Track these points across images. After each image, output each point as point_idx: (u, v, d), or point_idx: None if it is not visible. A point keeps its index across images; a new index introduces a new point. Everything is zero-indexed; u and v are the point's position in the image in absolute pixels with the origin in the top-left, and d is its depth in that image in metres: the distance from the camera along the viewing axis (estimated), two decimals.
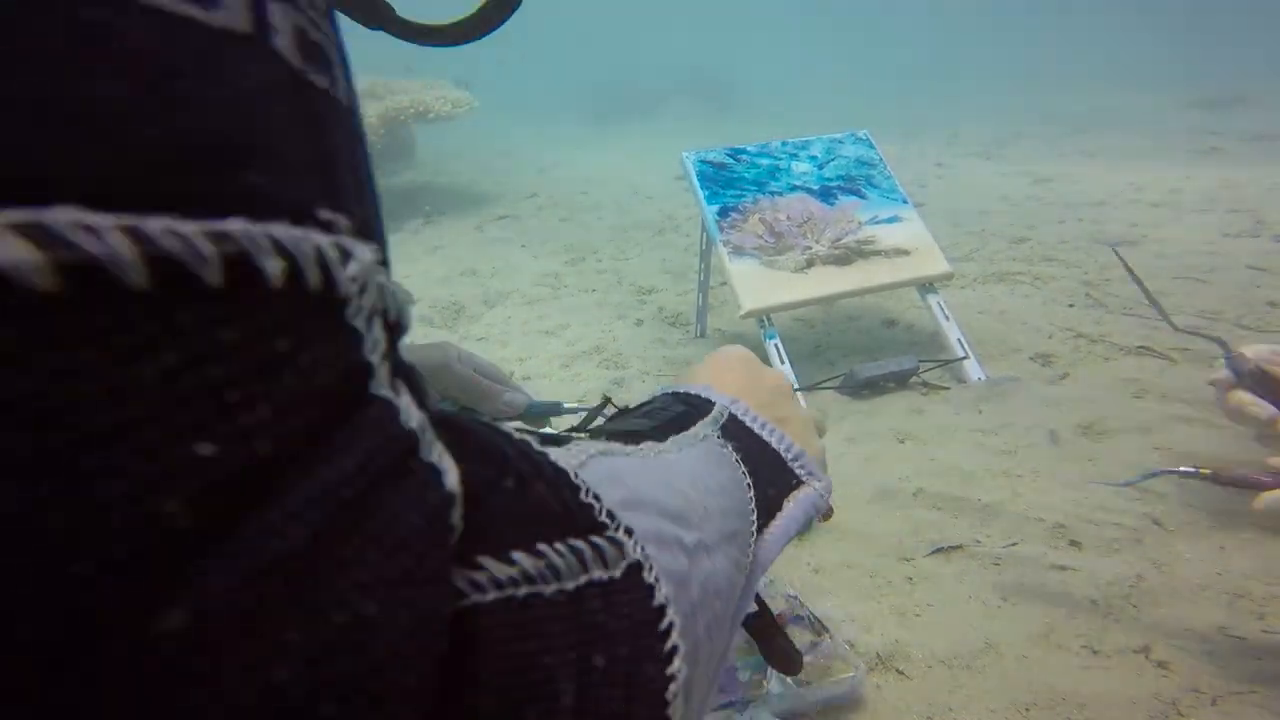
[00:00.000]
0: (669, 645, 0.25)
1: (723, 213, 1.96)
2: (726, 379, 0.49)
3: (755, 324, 1.84)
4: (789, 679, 0.91)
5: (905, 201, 2.04)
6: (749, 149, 2.15)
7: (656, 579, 0.25)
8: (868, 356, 1.98)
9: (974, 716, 0.86)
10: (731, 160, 2.11)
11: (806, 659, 0.94)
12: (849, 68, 12.94)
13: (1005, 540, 1.18)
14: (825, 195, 2.05)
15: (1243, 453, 1.17)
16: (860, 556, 1.18)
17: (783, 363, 1.74)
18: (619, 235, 3.74)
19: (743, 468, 0.40)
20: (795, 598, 1.06)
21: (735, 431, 0.43)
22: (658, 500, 0.29)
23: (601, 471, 0.27)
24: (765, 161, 2.12)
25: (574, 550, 0.23)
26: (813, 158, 2.14)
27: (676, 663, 0.25)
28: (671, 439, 0.38)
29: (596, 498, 0.25)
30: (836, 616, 1.04)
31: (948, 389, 1.76)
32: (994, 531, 1.21)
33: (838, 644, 0.96)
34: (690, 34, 15.88)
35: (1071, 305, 2.24)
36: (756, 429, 0.45)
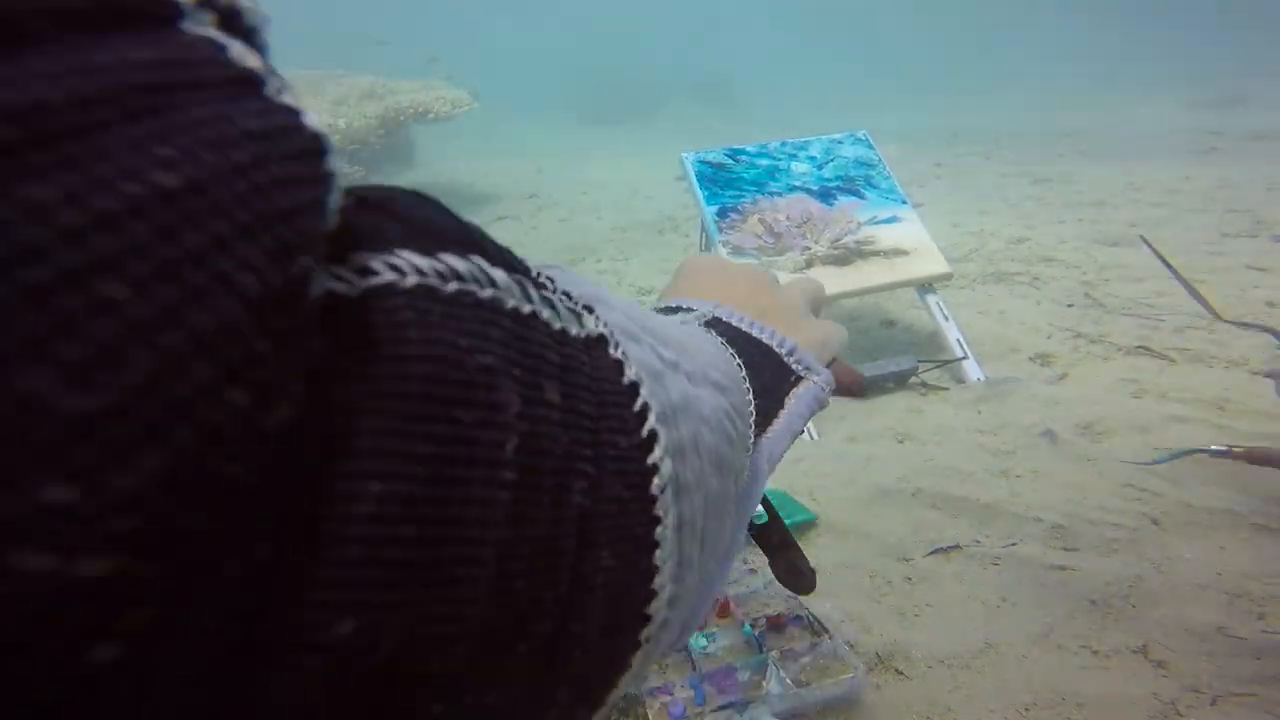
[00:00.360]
0: (645, 430, 0.21)
1: (722, 213, 1.97)
2: (701, 286, 0.46)
3: None
4: (788, 680, 0.91)
5: (904, 202, 2.04)
6: (748, 149, 2.15)
7: (625, 356, 0.22)
8: (867, 357, 1.98)
9: (973, 716, 0.86)
10: (731, 161, 2.11)
11: (805, 660, 0.94)
12: (848, 68, 12.94)
13: (1004, 540, 1.18)
14: (824, 196, 2.05)
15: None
16: (860, 557, 1.18)
17: None
18: (619, 236, 3.74)
19: (731, 350, 0.37)
20: (794, 598, 1.06)
21: (725, 333, 0.40)
22: (625, 309, 0.25)
23: (559, 275, 0.23)
24: (764, 162, 2.12)
25: (518, 281, 0.19)
26: (812, 158, 2.14)
27: (658, 452, 0.21)
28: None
29: (550, 280, 0.21)
30: (836, 617, 1.04)
31: (947, 389, 1.76)
32: (993, 531, 1.21)
33: (837, 644, 0.96)
34: (690, 34, 15.89)
35: (1070, 305, 2.24)
36: (744, 327, 0.42)
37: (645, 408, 0.21)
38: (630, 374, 0.21)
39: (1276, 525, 1.13)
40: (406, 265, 0.16)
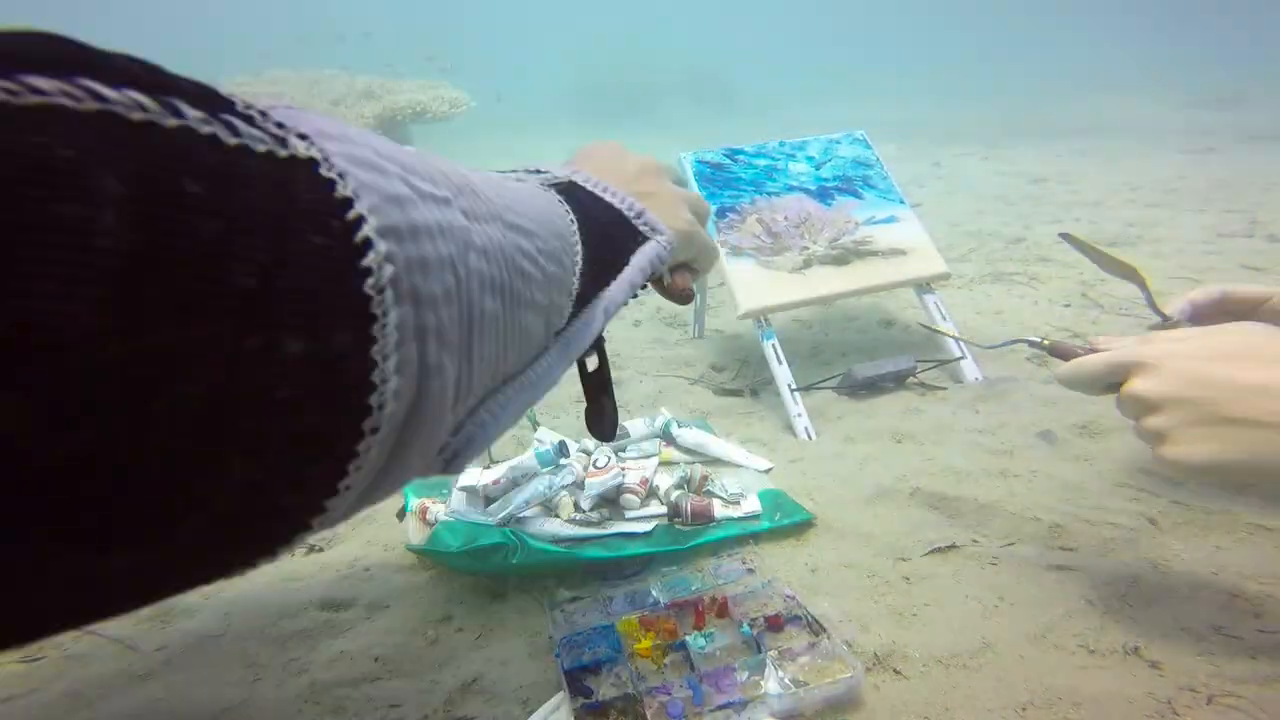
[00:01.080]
0: (358, 237, 0.24)
1: (720, 213, 1.97)
2: (590, 163, 0.53)
3: (753, 324, 1.84)
4: (786, 679, 0.91)
5: (902, 202, 2.05)
6: (746, 149, 2.15)
7: (340, 176, 0.24)
8: (865, 356, 1.98)
9: (971, 716, 0.86)
10: (729, 160, 2.11)
11: (803, 659, 0.94)
12: (847, 68, 12.94)
13: (1002, 540, 1.18)
14: (822, 195, 2.05)
15: None
16: (857, 556, 1.18)
17: (780, 362, 1.74)
18: None
19: (567, 206, 0.42)
20: (793, 598, 1.06)
21: (577, 195, 0.45)
22: (384, 150, 0.27)
23: (291, 114, 0.25)
24: (762, 162, 2.12)
25: (168, 105, 0.21)
26: (810, 158, 2.15)
27: (371, 257, 0.24)
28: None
29: (263, 113, 0.24)
30: (834, 616, 1.04)
31: (945, 389, 1.76)
32: (991, 531, 1.21)
33: (835, 644, 0.96)
34: (689, 34, 15.88)
35: (1068, 305, 2.24)
36: (598, 191, 0.49)
37: (360, 219, 0.24)
38: (345, 190, 0.24)
39: (1274, 525, 1.14)
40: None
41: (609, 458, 1.38)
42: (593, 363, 0.68)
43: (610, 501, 1.33)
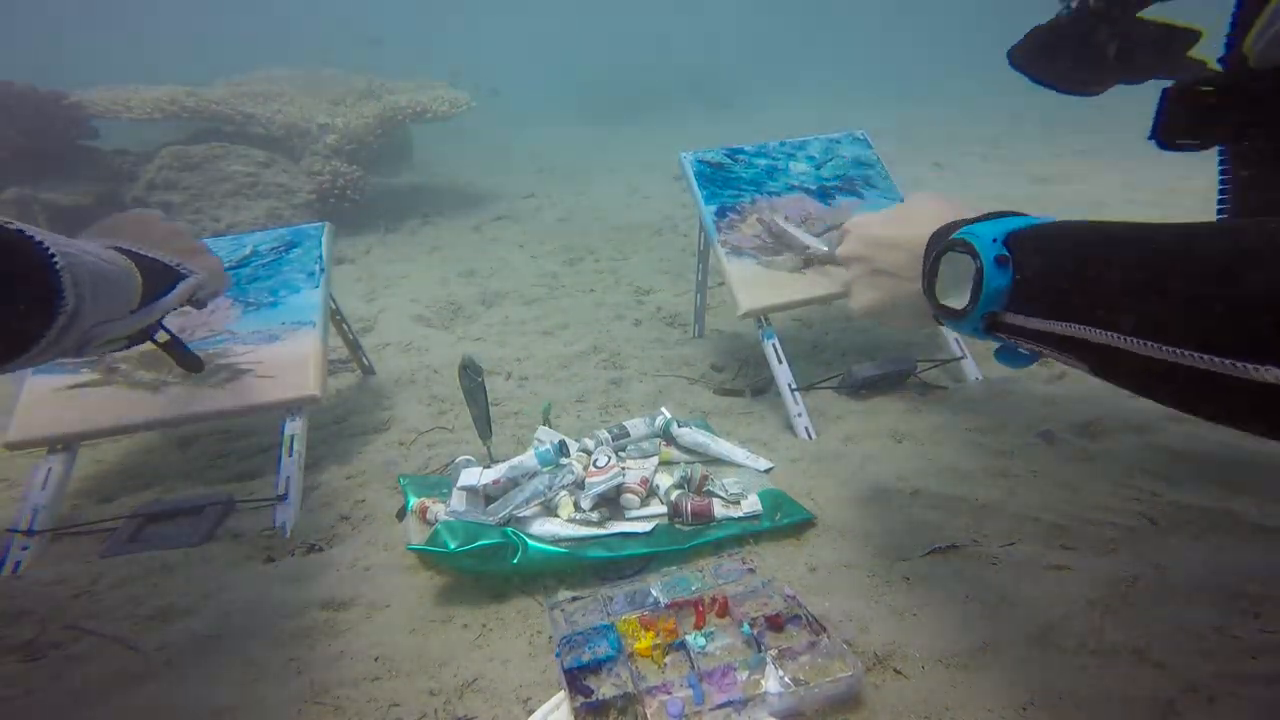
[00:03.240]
0: (50, 251, 0.74)
1: (720, 213, 1.96)
2: (131, 238, 0.98)
3: (753, 324, 1.84)
4: (786, 679, 0.91)
5: (902, 201, 2.04)
6: (747, 149, 2.15)
7: (33, 236, 0.72)
8: (865, 356, 1.98)
9: (971, 716, 0.86)
10: (729, 160, 2.11)
11: (803, 659, 0.94)
12: (847, 68, 12.94)
13: (1002, 540, 1.18)
14: (823, 195, 2.05)
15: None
16: (858, 556, 1.18)
17: (780, 362, 1.74)
18: (617, 235, 3.74)
19: (127, 258, 0.93)
20: (793, 597, 1.06)
21: (128, 253, 0.95)
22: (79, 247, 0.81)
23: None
24: (763, 162, 2.12)
25: None
26: (810, 158, 2.14)
27: (56, 254, 0.74)
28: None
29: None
30: (834, 616, 1.04)
31: (945, 389, 1.76)
32: (991, 531, 1.21)
33: (835, 643, 0.96)
34: (690, 33, 15.87)
35: None
36: (141, 251, 0.96)
37: (50, 254, 0.74)
38: (42, 244, 0.74)
39: (1273, 525, 1.14)
40: None
41: (609, 458, 1.38)
42: (162, 336, 1.11)
43: (610, 501, 1.33)
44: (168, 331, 1.09)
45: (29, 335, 0.77)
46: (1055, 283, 0.61)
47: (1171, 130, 0.91)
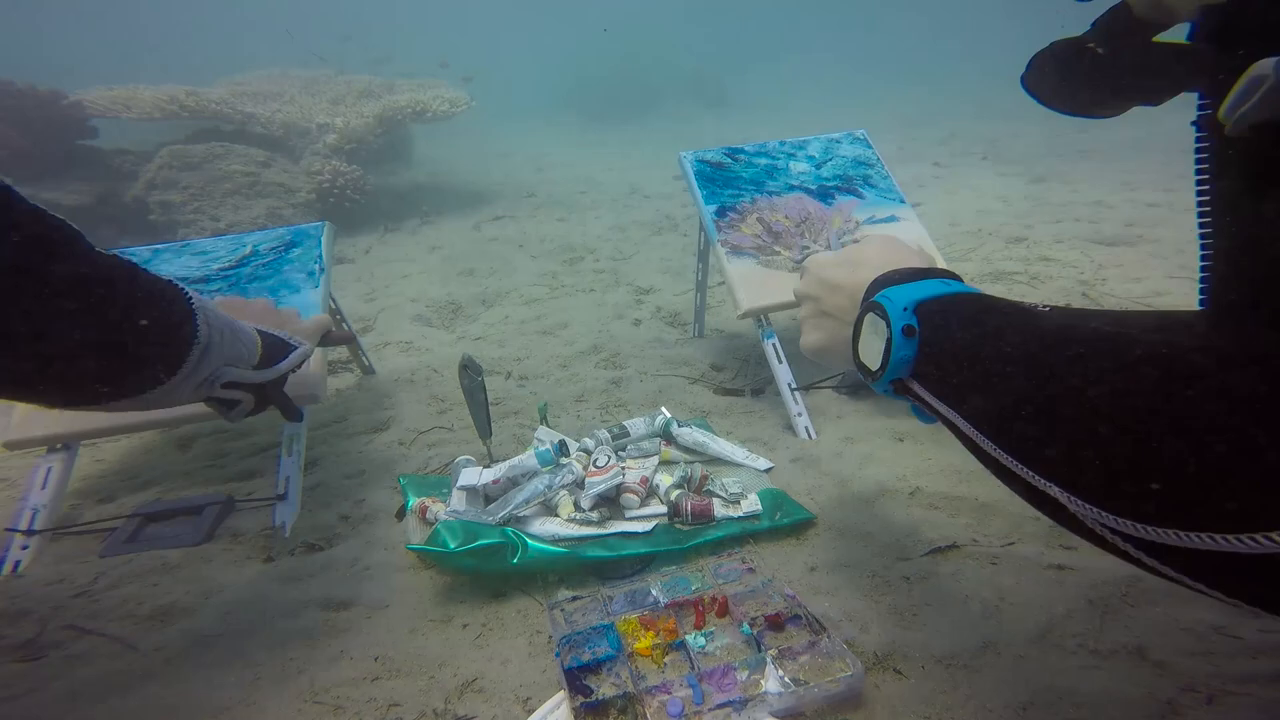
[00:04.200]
0: (189, 302, 0.94)
1: (720, 212, 1.96)
2: (251, 319, 1.13)
3: (753, 324, 1.84)
4: (786, 678, 0.91)
5: (903, 201, 2.05)
6: (747, 149, 2.15)
7: (180, 285, 0.95)
8: None
9: (971, 716, 0.86)
10: (729, 160, 2.11)
11: (803, 658, 0.94)
12: (847, 68, 12.93)
13: (1003, 539, 1.18)
14: (823, 195, 2.05)
15: None
16: (858, 556, 1.18)
17: (780, 361, 1.74)
18: (617, 235, 3.74)
19: (256, 331, 1.09)
20: (793, 597, 1.06)
21: (262, 333, 1.11)
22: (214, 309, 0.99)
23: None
24: (763, 161, 2.12)
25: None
26: (810, 157, 2.14)
27: (196, 309, 0.94)
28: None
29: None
30: (834, 616, 1.04)
31: None
32: (991, 530, 1.21)
33: (835, 643, 0.96)
34: (689, 33, 15.87)
35: (1068, 304, 2.24)
36: (265, 329, 1.12)
37: (189, 297, 0.94)
38: (184, 290, 0.95)
39: None
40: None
41: (609, 457, 1.38)
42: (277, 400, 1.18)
43: (610, 501, 1.33)
44: (284, 395, 1.18)
45: (165, 365, 0.90)
46: (939, 362, 0.63)
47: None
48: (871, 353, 0.71)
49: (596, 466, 1.36)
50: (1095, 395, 0.45)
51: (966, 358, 0.59)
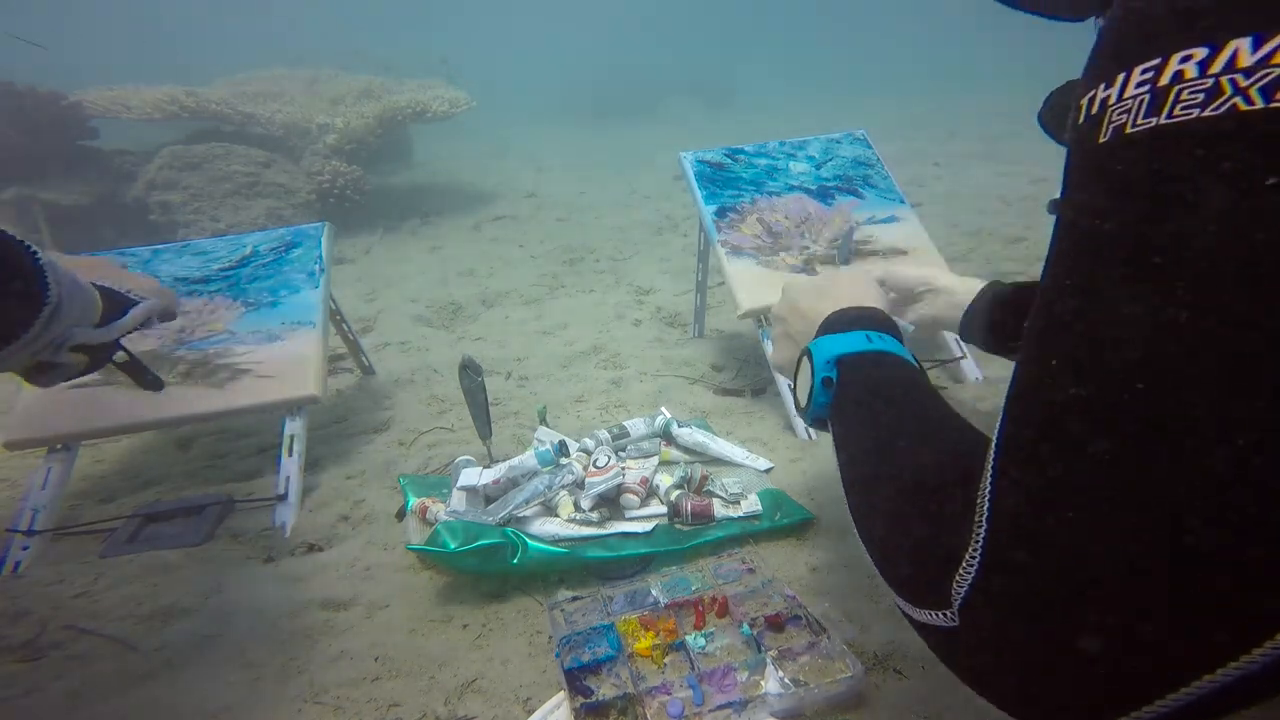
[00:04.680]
0: (44, 276, 0.85)
1: (721, 212, 1.96)
2: (91, 273, 1.03)
3: (753, 324, 1.84)
4: (786, 679, 0.91)
5: (902, 201, 2.05)
6: (746, 149, 2.15)
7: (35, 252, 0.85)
8: None
9: (971, 715, 0.86)
10: (729, 160, 2.11)
11: (803, 659, 0.94)
12: (847, 67, 12.94)
13: None
14: (823, 195, 2.05)
15: None
16: (858, 556, 1.18)
17: None
18: (617, 235, 3.74)
19: (90, 285, 0.99)
20: (793, 597, 1.06)
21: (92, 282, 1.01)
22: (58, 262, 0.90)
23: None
24: (763, 161, 2.12)
25: None
26: (810, 158, 2.14)
27: (50, 282, 0.86)
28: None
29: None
30: (835, 616, 1.04)
31: (945, 389, 1.76)
32: None
33: (835, 644, 0.96)
34: (689, 33, 15.87)
35: None
36: (101, 283, 1.03)
37: (35, 252, 0.84)
38: (28, 244, 0.84)
39: None
40: None
41: (609, 458, 1.38)
42: (121, 357, 1.12)
43: (610, 501, 1.33)
44: (126, 351, 1.10)
45: (20, 323, 0.84)
46: (839, 413, 0.73)
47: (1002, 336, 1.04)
48: (802, 390, 0.81)
49: (596, 467, 1.36)
50: (884, 492, 0.58)
51: (850, 417, 0.70)
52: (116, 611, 1.19)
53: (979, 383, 1.76)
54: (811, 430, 1.62)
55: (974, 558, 0.44)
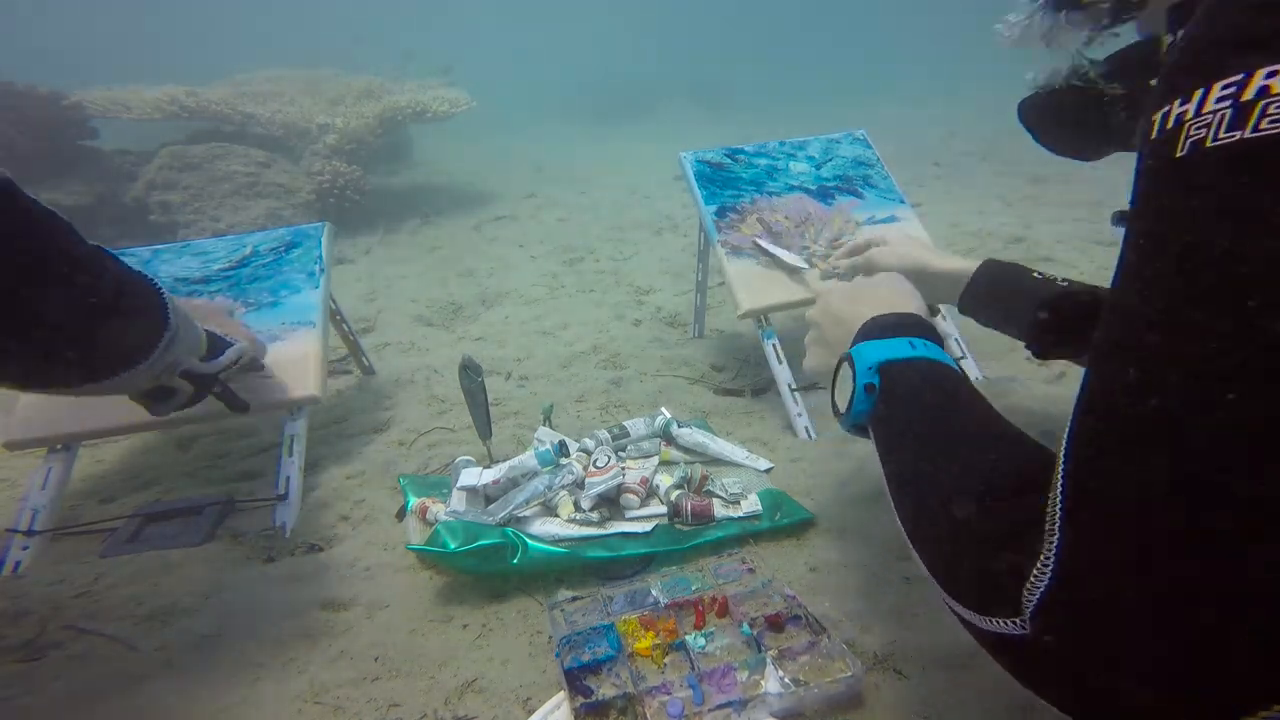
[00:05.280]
0: (163, 303, 1.03)
1: (720, 213, 1.96)
2: (200, 317, 1.19)
3: (753, 324, 1.84)
4: (786, 679, 0.91)
5: (902, 201, 2.05)
6: (746, 149, 2.15)
7: (157, 285, 1.04)
8: None
9: (971, 716, 0.86)
10: (729, 160, 2.11)
11: (803, 659, 0.94)
12: (846, 68, 12.94)
13: None
14: (823, 195, 2.05)
15: None
16: (858, 556, 1.18)
17: (780, 362, 1.74)
18: (617, 235, 3.74)
19: (204, 329, 1.18)
20: (793, 597, 1.06)
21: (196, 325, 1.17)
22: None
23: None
24: (763, 161, 2.12)
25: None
26: (810, 158, 2.14)
27: (170, 311, 1.04)
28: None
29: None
30: (834, 616, 1.04)
31: None
32: None
33: (835, 643, 0.96)
34: (689, 34, 15.87)
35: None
36: (209, 329, 1.20)
37: (159, 287, 1.03)
38: (154, 279, 1.03)
39: None
40: None
41: (609, 458, 1.38)
42: (217, 389, 1.25)
43: (610, 501, 1.33)
44: (223, 384, 1.26)
45: (146, 345, 0.95)
46: (884, 420, 0.73)
47: (1044, 342, 1.06)
48: (841, 397, 0.81)
49: (596, 467, 1.36)
50: (943, 499, 0.57)
51: (898, 424, 0.71)
52: (116, 611, 1.19)
53: (979, 382, 1.76)
54: (812, 429, 1.62)
55: (1046, 566, 0.44)
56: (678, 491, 1.32)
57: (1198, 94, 0.40)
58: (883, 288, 0.91)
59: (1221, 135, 0.38)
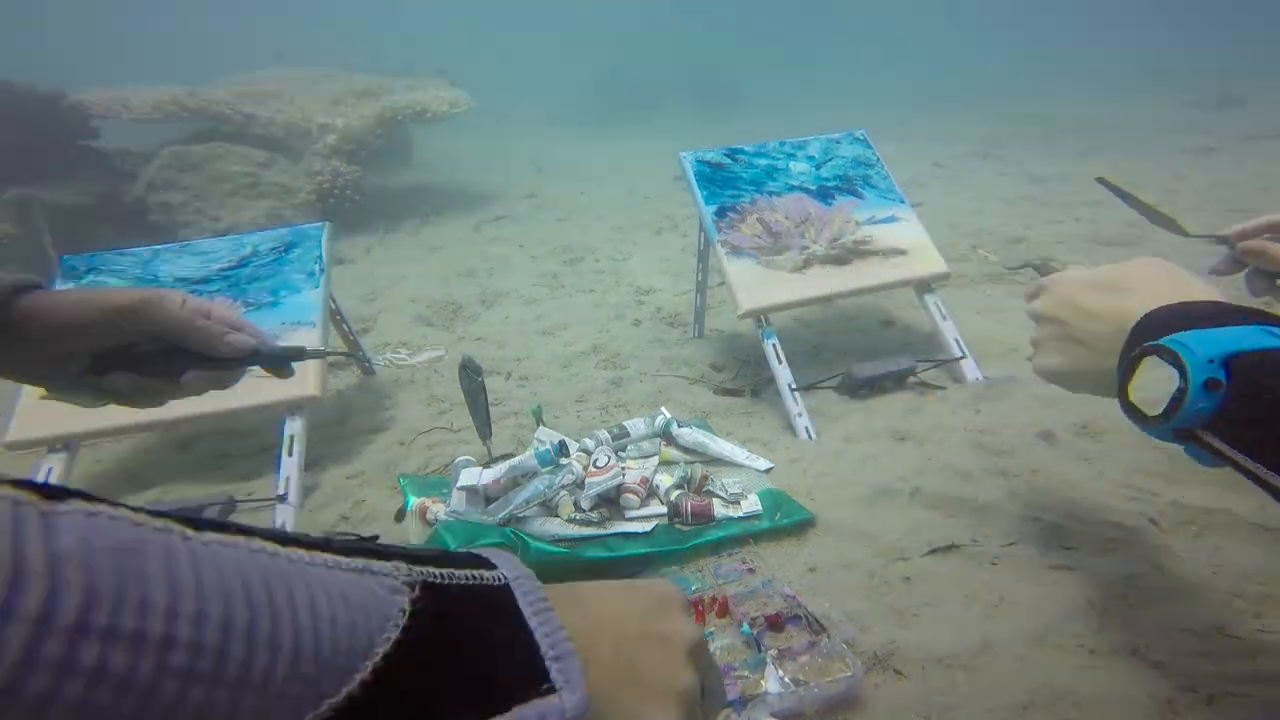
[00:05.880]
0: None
1: (720, 213, 1.97)
2: (591, 601, 0.45)
3: (753, 324, 1.84)
4: (786, 679, 0.91)
5: (902, 201, 2.05)
6: (746, 149, 2.15)
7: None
8: (865, 356, 1.98)
9: (971, 716, 0.86)
10: (729, 160, 2.11)
11: (803, 659, 0.94)
12: (847, 68, 12.94)
13: (1002, 540, 1.18)
14: (823, 195, 2.05)
15: None
16: (858, 556, 1.18)
17: (780, 362, 1.74)
18: (617, 235, 3.74)
19: (406, 622, 0.35)
20: (793, 597, 1.06)
21: (487, 601, 0.38)
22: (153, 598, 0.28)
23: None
24: (763, 162, 2.12)
25: None
26: (810, 158, 2.14)
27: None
28: (339, 558, 0.36)
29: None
30: (834, 616, 1.04)
31: (945, 389, 1.76)
32: (991, 531, 1.21)
33: (835, 643, 0.96)
34: (689, 34, 15.87)
35: None
36: (527, 610, 0.39)
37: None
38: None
39: (1273, 525, 1.14)
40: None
41: (609, 458, 1.38)
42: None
43: (610, 501, 1.33)
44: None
45: None
46: (1258, 420, 0.59)
47: None
48: (1154, 396, 0.65)
49: (596, 467, 1.36)
50: None
51: (1274, 425, 0.57)
52: None
53: (979, 382, 1.76)
54: (812, 429, 1.62)
55: None
56: (678, 491, 1.32)
57: None
58: (1150, 273, 0.76)
59: None
